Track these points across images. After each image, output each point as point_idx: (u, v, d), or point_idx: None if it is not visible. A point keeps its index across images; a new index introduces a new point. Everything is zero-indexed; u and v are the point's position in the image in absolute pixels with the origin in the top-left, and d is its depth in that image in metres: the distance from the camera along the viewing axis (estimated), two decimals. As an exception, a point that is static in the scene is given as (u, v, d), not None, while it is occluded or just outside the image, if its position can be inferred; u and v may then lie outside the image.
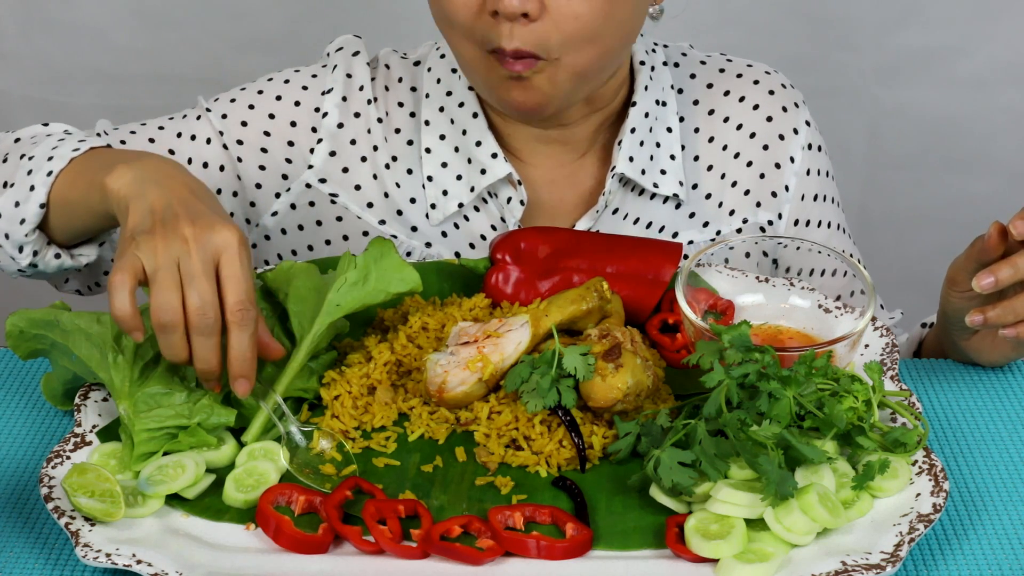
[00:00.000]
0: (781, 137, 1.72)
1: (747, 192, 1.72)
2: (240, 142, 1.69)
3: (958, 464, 1.42)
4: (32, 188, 1.50)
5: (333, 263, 1.51)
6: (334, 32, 1.81)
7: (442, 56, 1.71)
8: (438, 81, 1.70)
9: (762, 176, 1.72)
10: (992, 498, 1.37)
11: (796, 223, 1.73)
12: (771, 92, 1.74)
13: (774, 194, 1.72)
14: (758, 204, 1.72)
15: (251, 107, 1.71)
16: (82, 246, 1.58)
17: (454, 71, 1.69)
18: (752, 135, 1.72)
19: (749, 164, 1.72)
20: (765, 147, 1.72)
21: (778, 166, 1.73)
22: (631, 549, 1.29)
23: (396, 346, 1.47)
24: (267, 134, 1.70)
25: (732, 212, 1.72)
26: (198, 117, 1.71)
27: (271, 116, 1.70)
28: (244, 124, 1.70)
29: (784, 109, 1.73)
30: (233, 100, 1.72)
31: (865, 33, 2.76)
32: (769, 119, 1.73)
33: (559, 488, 1.35)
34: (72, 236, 1.55)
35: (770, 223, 1.73)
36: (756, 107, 1.73)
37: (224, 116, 1.70)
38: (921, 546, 1.31)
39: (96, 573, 1.28)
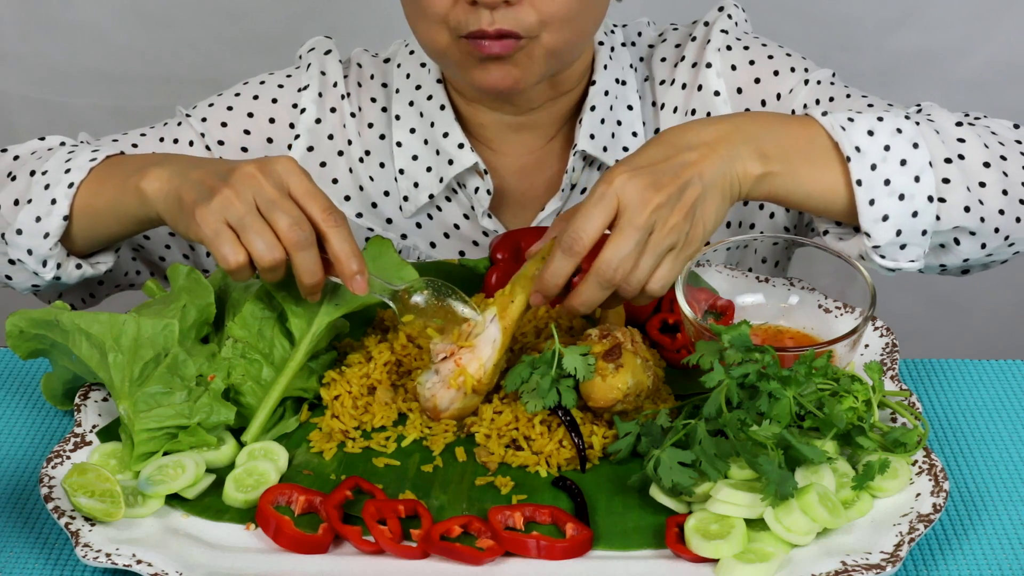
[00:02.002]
0: (709, 65, 1.71)
1: None
2: (221, 143, 1.72)
3: (958, 464, 1.42)
4: (53, 201, 1.51)
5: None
6: (333, 33, 1.82)
7: (411, 52, 1.74)
8: (407, 76, 1.73)
9: (708, 115, 1.71)
10: (992, 498, 1.37)
11: None
12: (693, 38, 1.74)
13: None
14: None
15: (229, 108, 1.73)
16: (99, 254, 1.59)
17: (423, 65, 1.72)
18: (684, 86, 1.73)
19: (693, 112, 1.72)
20: (699, 87, 1.72)
21: (712, 92, 1.72)
22: (631, 549, 1.29)
23: (396, 346, 1.47)
24: (247, 132, 1.72)
25: None
26: (179, 123, 1.74)
27: (250, 115, 1.73)
28: (224, 125, 1.72)
29: (703, 48, 1.73)
30: (211, 104, 1.75)
31: (865, 34, 2.76)
32: (694, 65, 1.73)
33: (559, 488, 1.35)
34: (95, 244, 1.56)
35: None
36: (683, 58, 1.74)
37: (204, 119, 1.73)
38: (921, 546, 1.31)
39: (96, 573, 1.28)
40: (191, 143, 1.71)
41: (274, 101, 1.74)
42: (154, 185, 1.42)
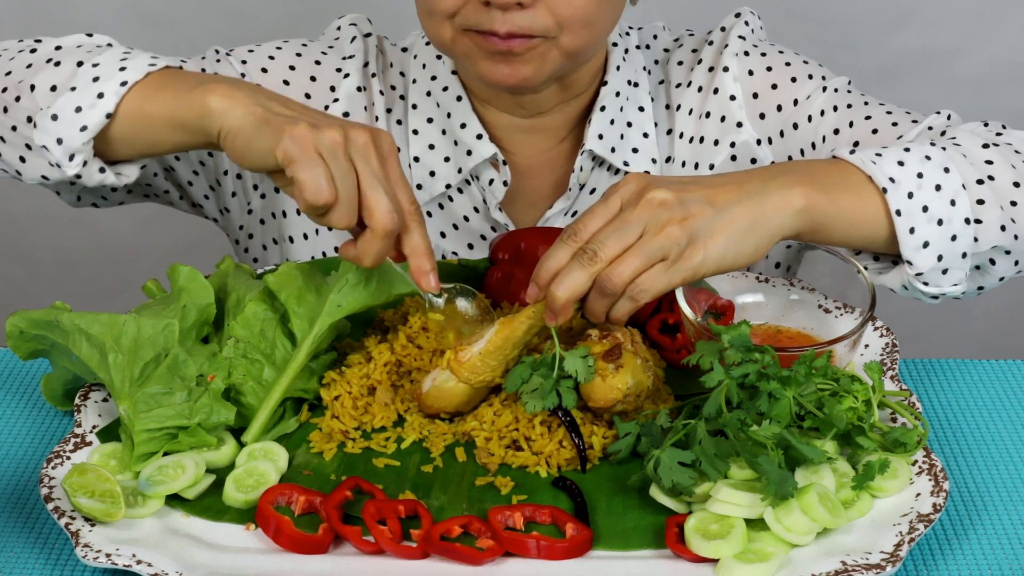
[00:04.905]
0: (726, 69, 1.72)
1: (716, 142, 1.72)
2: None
3: (958, 464, 1.42)
4: (100, 95, 1.46)
5: (335, 264, 1.51)
6: (334, 32, 1.82)
7: (427, 43, 1.74)
8: (424, 66, 1.73)
9: (723, 119, 1.72)
10: (992, 498, 1.37)
11: (783, 134, 1.70)
12: (710, 43, 1.74)
13: (739, 124, 1.71)
14: (732, 144, 1.72)
15: (271, 58, 1.72)
16: (124, 164, 1.53)
17: (439, 57, 1.72)
18: (700, 89, 1.73)
19: (708, 115, 1.72)
20: (715, 90, 1.72)
21: (728, 96, 1.72)
22: (631, 549, 1.29)
23: (396, 346, 1.47)
24: (286, 83, 1.71)
25: (711, 167, 1.72)
26: (217, 60, 1.71)
27: (291, 68, 1.72)
28: (264, 71, 1.71)
29: (720, 52, 1.73)
30: (251, 51, 1.73)
31: (864, 34, 2.76)
32: (711, 69, 1.73)
33: (559, 488, 1.35)
34: (130, 152, 1.50)
35: (758, 142, 1.72)
36: (700, 61, 1.74)
37: (244, 62, 1.71)
38: (921, 546, 1.31)
39: (96, 573, 1.28)
40: None
41: (317, 63, 1.73)
42: (224, 102, 1.39)
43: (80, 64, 1.49)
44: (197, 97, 1.40)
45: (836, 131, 1.65)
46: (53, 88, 1.48)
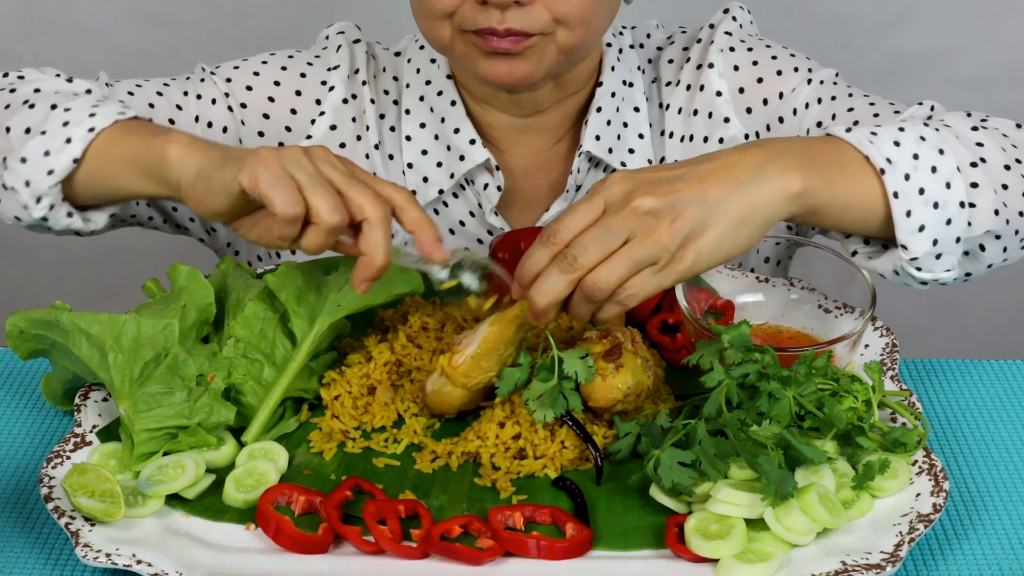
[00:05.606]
0: (711, 66, 1.71)
1: (705, 139, 1.72)
2: (244, 105, 1.71)
3: (958, 464, 1.42)
4: (68, 140, 1.47)
5: (335, 264, 1.51)
6: (335, 31, 1.82)
7: (421, 47, 1.74)
8: (417, 71, 1.73)
9: (710, 115, 1.72)
10: (992, 498, 1.37)
11: (769, 128, 1.69)
12: (699, 41, 1.74)
13: (726, 120, 1.71)
14: (720, 140, 1.71)
15: (256, 74, 1.73)
16: (93, 211, 1.56)
17: (433, 61, 1.72)
18: (688, 87, 1.73)
19: (696, 113, 1.72)
20: (701, 87, 1.72)
21: (715, 92, 1.72)
22: (631, 549, 1.29)
23: (396, 346, 1.47)
24: (271, 100, 1.72)
25: None
26: (202, 80, 1.72)
27: (276, 83, 1.73)
28: (249, 88, 1.72)
29: (707, 49, 1.73)
30: (237, 67, 1.74)
31: (863, 33, 2.76)
32: (699, 67, 1.73)
33: (559, 488, 1.35)
34: (95, 196, 1.52)
35: (746, 137, 1.71)
36: (688, 59, 1.74)
37: (229, 80, 1.72)
38: (921, 546, 1.31)
39: (96, 573, 1.28)
40: (214, 100, 1.70)
41: (302, 75, 1.73)
42: (183, 151, 1.39)
43: (54, 107, 1.51)
44: (159, 145, 1.41)
45: (819, 124, 1.64)
46: (27, 131, 1.51)
